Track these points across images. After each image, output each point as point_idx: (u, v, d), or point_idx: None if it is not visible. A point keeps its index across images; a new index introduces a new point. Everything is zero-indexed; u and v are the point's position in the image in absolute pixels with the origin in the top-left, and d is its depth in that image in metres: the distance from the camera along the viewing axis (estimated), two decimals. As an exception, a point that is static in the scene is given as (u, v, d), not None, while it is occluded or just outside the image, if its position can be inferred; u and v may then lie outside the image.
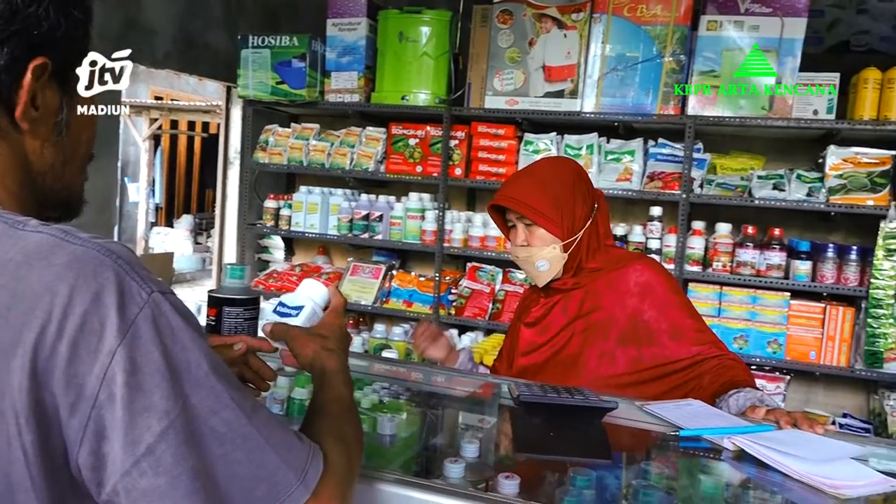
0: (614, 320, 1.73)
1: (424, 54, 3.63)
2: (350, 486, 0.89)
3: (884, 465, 1.36)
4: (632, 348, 1.71)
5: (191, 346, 0.71)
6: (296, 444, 0.79)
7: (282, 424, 0.80)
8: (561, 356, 1.78)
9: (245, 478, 0.73)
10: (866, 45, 3.95)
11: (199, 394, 0.71)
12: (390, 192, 4.06)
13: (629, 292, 1.73)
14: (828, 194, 3.13)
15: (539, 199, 1.73)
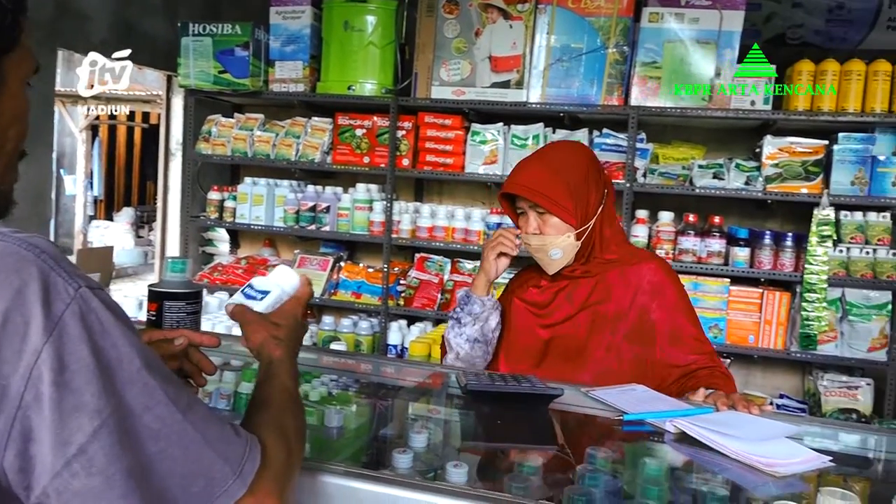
0: (623, 315, 1.71)
1: (370, 44, 3.60)
2: (289, 480, 0.88)
3: (818, 442, 1.42)
4: (637, 346, 1.70)
5: (122, 342, 0.70)
6: (233, 439, 0.78)
7: (218, 419, 0.79)
8: (565, 344, 1.75)
9: (181, 474, 0.72)
10: (800, 38, 4.06)
11: (131, 391, 0.69)
12: (337, 183, 4.03)
13: (641, 290, 1.72)
14: (765, 183, 3.23)
15: (553, 187, 1.68)
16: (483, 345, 1.80)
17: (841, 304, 3.25)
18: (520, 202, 1.76)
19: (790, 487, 1.14)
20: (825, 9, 3.99)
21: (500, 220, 3.58)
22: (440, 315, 3.66)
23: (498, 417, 1.45)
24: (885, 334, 3.18)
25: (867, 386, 3.19)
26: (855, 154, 3.14)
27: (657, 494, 1.07)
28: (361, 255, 4.22)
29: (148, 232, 11.41)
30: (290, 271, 1.13)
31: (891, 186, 3.10)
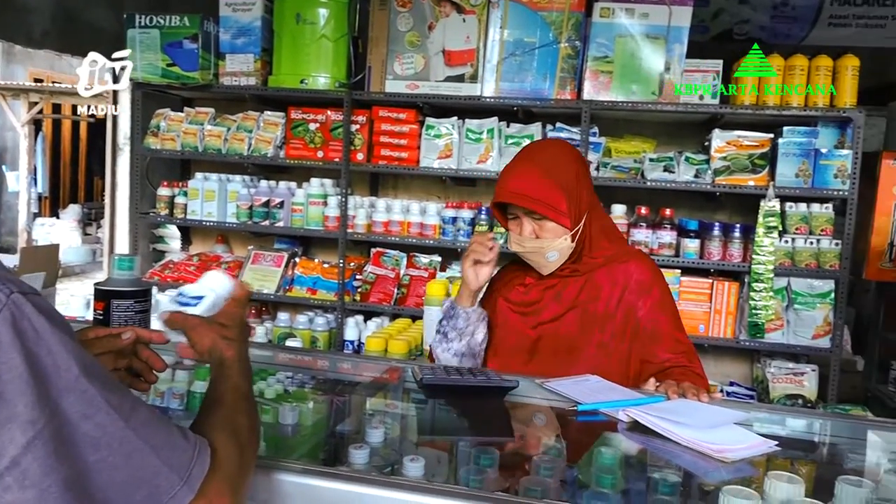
0: (612, 314, 1.73)
1: (323, 37, 3.56)
2: (242, 481, 0.87)
3: (766, 428, 1.46)
4: (625, 343, 1.72)
5: (58, 348, 0.67)
6: (179, 444, 0.77)
7: (165, 423, 0.77)
8: (554, 343, 1.76)
9: (123, 483, 0.70)
10: (747, 33, 4.16)
11: (68, 399, 0.67)
12: (291, 177, 3.98)
13: (629, 288, 1.73)
14: (713, 175, 3.30)
15: (549, 192, 1.66)
16: (471, 358, 1.79)
17: (787, 293, 3.34)
18: (512, 207, 1.74)
19: (739, 472, 1.17)
20: (770, 6, 4.09)
21: (455, 213, 3.58)
22: (397, 310, 3.65)
23: (454, 411, 1.45)
24: (829, 322, 3.28)
25: (812, 372, 3.29)
26: (799, 147, 3.23)
27: (611, 483, 1.09)
28: (316, 251, 4.18)
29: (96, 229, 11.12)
30: (222, 275, 1.12)
31: (833, 178, 3.20)
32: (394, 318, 3.70)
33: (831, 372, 3.27)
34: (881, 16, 4.02)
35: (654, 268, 1.80)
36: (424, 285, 3.57)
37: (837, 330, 3.26)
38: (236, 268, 3.92)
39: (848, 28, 4.03)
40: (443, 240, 3.60)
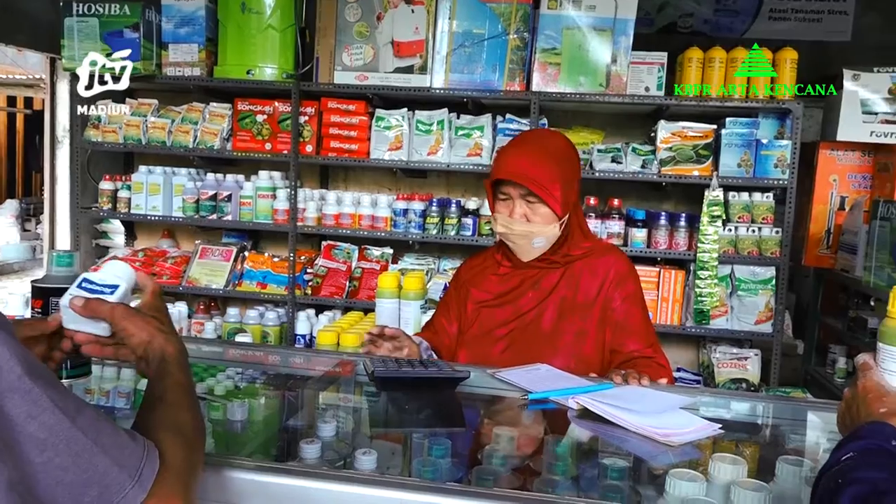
0: (591, 304, 1.77)
1: (269, 27, 3.50)
2: (192, 479, 0.86)
3: (711, 411, 1.50)
4: (601, 333, 1.77)
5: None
6: (128, 443, 0.75)
7: (111, 423, 0.76)
8: (531, 331, 1.78)
9: (71, 483, 0.68)
10: (690, 26, 4.23)
11: (12, 399, 0.65)
12: (239, 170, 3.91)
13: (607, 280, 1.78)
14: (659, 166, 3.36)
15: (548, 176, 1.68)
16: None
17: (731, 280, 3.43)
18: (506, 187, 1.74)
19: (685, 455, 1.20)
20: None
21: (406, 205, 3.57)
22: (349, 303, 3.63)
23: (406, 403, 1.45)
24: (770, 307, 3.38)
25: (755, 356, 3.39)
26: (741, 138, 3.31)
27: (562, 469, 1.11)
28: (266, 245, 4.13)
29: (35, 225, 10.76)
30: (125, 264, 1.08)
31: (773, 168, 3.29)
32: (346, 311, 3.67)
33: (773, 356, 3.38)
34: (818, 10, 4.14)
35: (629, 262, 1.87)
36: (376, 278, 3.55)
37: (779, 315, 3.37)
38: (183, 262, 3.84)
39: (787, 22, 4.13)
40: (394, 232, 3.59)
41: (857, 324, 3.35)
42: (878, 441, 0.85)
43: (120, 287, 1.01)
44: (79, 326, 0.97)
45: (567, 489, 1.06)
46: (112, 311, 0.97)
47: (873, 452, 0.84)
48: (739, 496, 1.00)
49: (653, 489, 1.09)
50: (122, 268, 1.05)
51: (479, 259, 1.95)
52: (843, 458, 0.84)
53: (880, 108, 3.23)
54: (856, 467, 0.80)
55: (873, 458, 0.83)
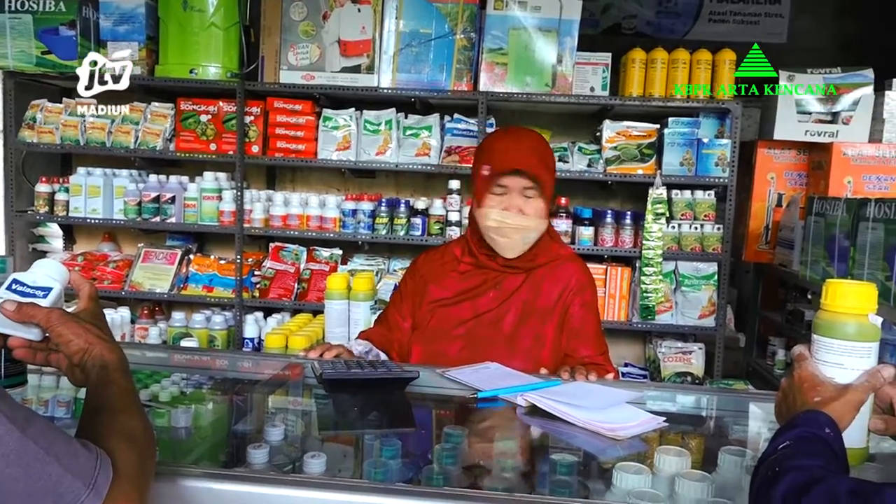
0: (551, 309, 1.79)
1: (212, 25, 3.44)
2: (146, 483, 0.85)
3: (658, 405, 1.54)
4: (558, 338, 1.79)
5: None
6: (81, 452, 0.74)
7: (63, 433, 0.75)
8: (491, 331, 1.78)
9: (24, 494, 0.67)
10: (634, 28, 4.32)
11: None
12: (182, 171, 3.82)
13: (568, 287, 1.81)
14: (605, 165, 3.42)
15: (547, 171, 1.74)
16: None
17: (675, 276, 3.51)
18: (506, 180, 1.74)
19: (631, 449, 1.23)
20: (655, 1, 4.26)
21: (355, 206, 3.55)
22: (298, 305, 3.59)
23: (356, 404, 1.45)
24: (713, 302, 3.47)
25: (699, 350, 3.47)
26: (683, 137, 3.39)
27: (511, 467, 1.12)
28: (212, 247, 4.05)
29: (-33, 229, 10.32)
30: (58, 263, 1.04)
31: (714, 166, 3.38)
32: (295, 313, 3.63)
33: (716, 349, 3.47)
34: (755, 13, 4.27)
35: (589, 272, 1.91)
36: (325, 279, 3.52)
37: (721, 310, 3.46)
38: (126, 266, 3.74)
39: (726, 24, 4.25)
40: (343, 233, 3.56)
41: (795, 316, 3.46)
42: (813, 429, 0.89)
43: (54, 290, 0.98)
44: (8, 330, 0.93)
45: (517, 486, 1.07)
46: (48, 316, 0.93)
47: (808, 440, 0.87)
48: (683, 487, 1.03)
49: (601, 483, 1.10)
50: (55, 267, 1.01)
51: (438, 254, 1.94)
52: (779, 446, 0.87)
53: (814, 108, 3.35)
54: (792, 455, 0.83)
55: (808, 447, 0.86)
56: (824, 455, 0.85)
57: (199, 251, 3.96)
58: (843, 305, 1.00)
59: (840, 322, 1.00)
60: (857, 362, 0.99)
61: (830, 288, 1.02)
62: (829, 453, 0.86)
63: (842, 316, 1.00)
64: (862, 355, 0.99)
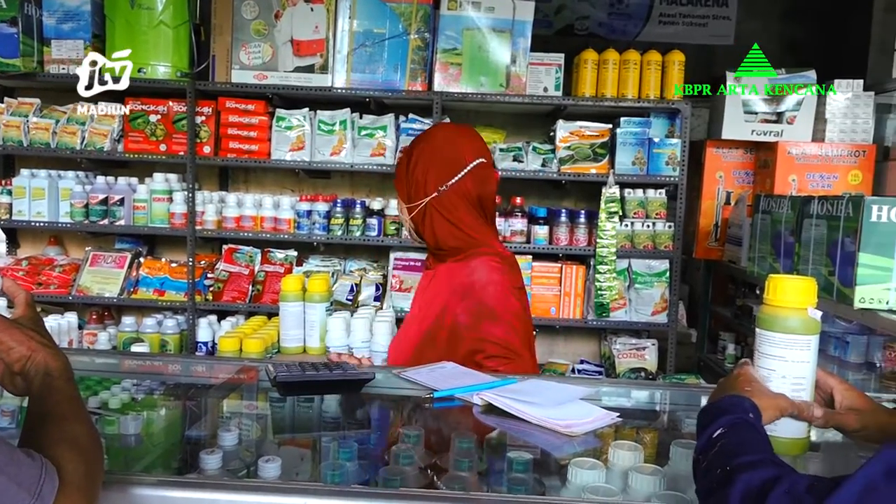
0: (441, 313, 1.70)
1: (161, 23, 3.37)
2: (94, 492, 0.83)
3: (614, 401, 1.56)
4: (446, 342, 1.68)
5: None
6: (25, 461, 0.73)
7: (5, 442, 0.73)
8: (413, 333, 1.79)
9: None
10: (587, 29, 4.37)
11: None
12: (131, 172, 3.74)
13: (454, 291, 1.68)
14: (559, 164, 3.46)
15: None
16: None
17: (628, 273, 3.57)
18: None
19: (586, 445, 1.24)
20: (607, 3, 4.32)
21: (310, 207, 3.52)
22: (252, 308, 3.54)
23: (311, 407, 1.43)
24: (665, 299, 3.54)
25: (652, 346, 3.54)
26: (634, 137, 3.45)
27: (468, 465, 1.12)
28: (163, 250, 3.97)
29: None
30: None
31: (665, 165, 3.44)
32: (249, 316, 3.57)
33: (669, 345, 3.53)
34: (704, 15, 4.36)
35: (484, 271, 1.70)
36: (280, 281, 3.48)
37: (673, 306, 3.53)
38: (73, 271, 3.64)
39: (676, 26, 4.33)
40: (298, 234, 3.53)
41: (744, 311, 3.55)
42: (739, 414, 0.92)
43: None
44: None
45: (474, 485, 1.07)
46: None
47: (739, 427, 0.90)
48: (636, 481, 1.04)
49: (557, 479, 1.11)
50: None
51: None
52: (713, 435, 0.89)
53: (760, 108, 3.44)
54: (734, 450, 0.86)
55: (743, 434, 0.89)
56: (759, 443, 0.88)
57: (149, 254, 3.88)
58: (784, 300, 1.03)
59: (781, 316, 1.03)
60: (798, 355, 1.02)
61: (772, 283, 1.04)
62: (763, 440, 0.89)
63: (783, 310, 1.03)
64: (802, 348, 1.02)
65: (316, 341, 2.22)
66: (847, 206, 2.13)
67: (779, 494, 0.75)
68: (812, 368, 1.04)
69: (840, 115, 3.36)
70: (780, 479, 0.77)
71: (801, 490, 0.74)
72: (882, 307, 2.03)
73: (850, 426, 1.04)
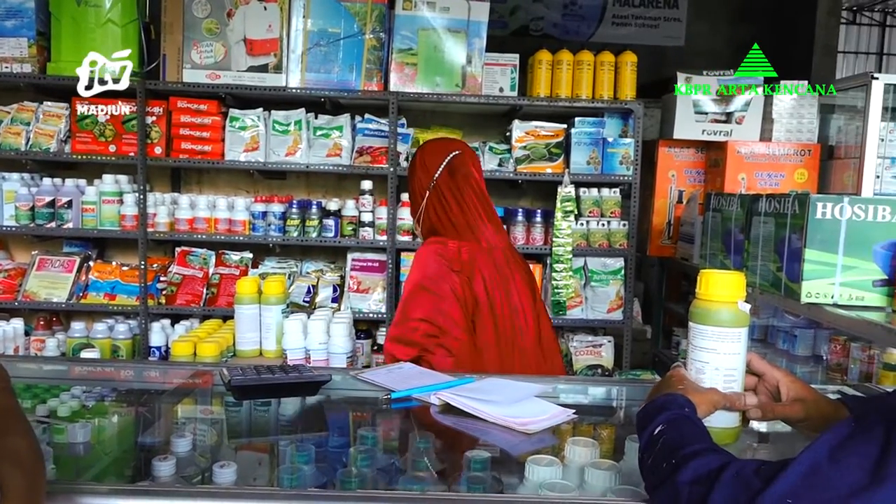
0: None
1: (109, 21, 3.29)
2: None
3: (571, 398, 1.57)
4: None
5: None
6: None
7: None
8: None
9: None
10: (541, 30, 4.41)
11: None
12: (80, 174, 3.64)
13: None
14: (515, 164, 3.48)
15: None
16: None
17: (584, 271, 3.61)
18: None
19: (543, 442, 1.25)
20: (561, 4, 4.37)
21: (265, 208, 3.48)
22: (207, 311, 3.48)
23: (267, 410, 1.42)
24: (621, 296, 3.59)
25: (608, 343, 3.58)
26: (589, 136, 3.49)
27: (426, 466, 1.12)
28: (113, 253, 3.88)
29: None
30: None
31: (619, 165, 3.49)
32: (204, 319, 3.52)
33: (625, 342, 3.59)
34: (656, 17, 4.44)
35: (420, 257, 1.90)
36: (235, 283, 3.44)
37: (628, 303, 3.58)
38: (18, 276, 3.53)
39: (628, 27, 4.41)
40: (253, 235, 3.49)
41: (697, 308, 3.61)
42: (676, 410, 0.95)
43: None
44: None
45: (432, 485, 1.07)
46: None
47: (678, 422, 0.93)
48: (592, 476, 1.06)
49: (514, 477, 1.12)
50: None
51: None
52: (655, 432, 0.92)
53: (710, 108, 3.52)
54: (677, 442, 0.89)
55: (683, 428, 0.92)
56: (699, 434, 0.91)
57: (99, 257, 3.78)
58: (715, 294, 1.06)
59: (712, 310, 1.06)
60: (729, 347, 1.05)
61: (703, 278, 1.08)
62: (702, 432, 0.93)
63: (713, 304, 1.06)
64: (733, 340, 1.05)
65: (272, 344, 2.20)
66: (793, 204, 2.20)
67: (727, 478, 0.77)
68: (742, 360, 1.07)
69: (786, 116, 3.45)
70: (728, 465, 0.79)
71: (748, 473, 0.77)
72: (827, 301, 2.09)
73: (796, 416, 1.08)
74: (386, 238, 3.45)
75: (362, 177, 3.53)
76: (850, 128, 3.40)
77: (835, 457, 0.72)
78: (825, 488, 0.71)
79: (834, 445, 0.73)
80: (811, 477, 0.72)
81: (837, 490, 0.70)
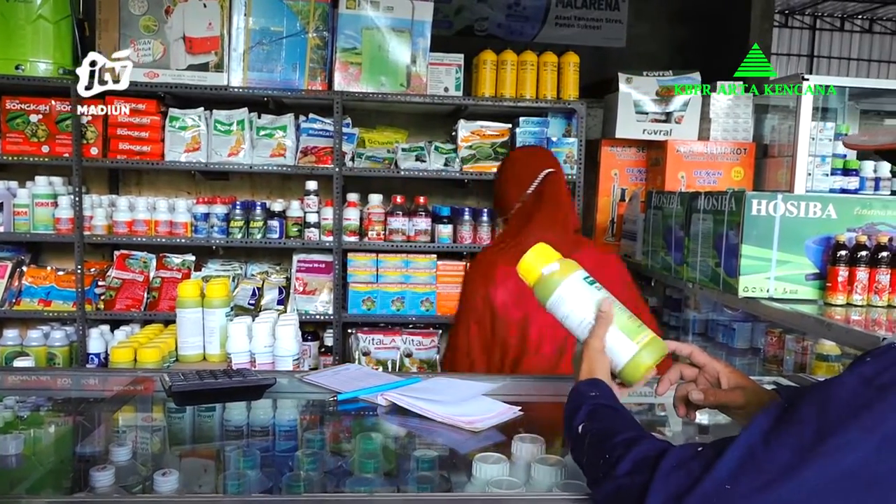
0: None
1: (40, 17, 3.18)
2: None
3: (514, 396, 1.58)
4: None
5: None
6: None
7: None
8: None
9: None
10: (486, 30, 4.43)
11: None
12: (10, 176, 3.51)
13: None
14: (461, 164, 3.49)
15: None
16: None
17: (530, 269, 3.63)
18: None
19: (489, 440, 1.26)
20: (505, 5, 4.40)
21: (207, 209, 3.41)
22: (148, 315, 3.39)
23: (210, 416, 1.39)
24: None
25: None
26: (533, 136, 3.53)
27: (374, 467, 1.12)
28: (48, 257, 3.75)
29: None
30: None
31: (562, 164, 3.53)
32: (145, 324, 3.43)
33: (571, 338, 3.63)
34: (598, 18, 4.50)
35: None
36: (177, 287, 3.36)
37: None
38: (-54, 282, 3.38)
39: (572, 28, 4.46)
40: (196, 238, 3.41)
41: (640, 303, 3.68)
42: (588, 402, 0.99)
43: None
44: None
45: (380, 485, 1.07)
46: None
47: (595, 413, 0.97)
48: (539, 472, 1.07)
49: (462, 475, 1.13)
50: None
51: None
52: (580, 430, 0.96)
53: (650, 108, 3.59)
54: (604, 434, 0.92)
55: (603, 419, 0.96)
56: (622, 421, 0.95)
57: (33, 262, 3.65)
58: (532, 275, 1.13)
59: (538, 287, 1.12)
60: (576, 302, 1.09)
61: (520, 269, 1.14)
62: (624, 417, 0.97)
63: (536, 283, 1.12)
64: (573, 294, 1.10)
65: (216, 348, 2.16)
66: (730, 201, 2.26)
67: (667, 466, 0.79)
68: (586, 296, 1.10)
69: (723, 115, 3.55)
70: (665, 452, 0.81)
71: (686, 458, 0.79)
72: (763, 295, 2.17)
73: (736, 402, 1.12)
74: (332, 239, 3.42)
75: (307, 177, 3.49)
76: (783, 127, 3.51)
77: (766, 439, 0.76)
78: (760, 471, 0.73)
79: (766, 429, 0.77)
80: (749, 460, 0.75)
81: (770, 472, 0.72)
